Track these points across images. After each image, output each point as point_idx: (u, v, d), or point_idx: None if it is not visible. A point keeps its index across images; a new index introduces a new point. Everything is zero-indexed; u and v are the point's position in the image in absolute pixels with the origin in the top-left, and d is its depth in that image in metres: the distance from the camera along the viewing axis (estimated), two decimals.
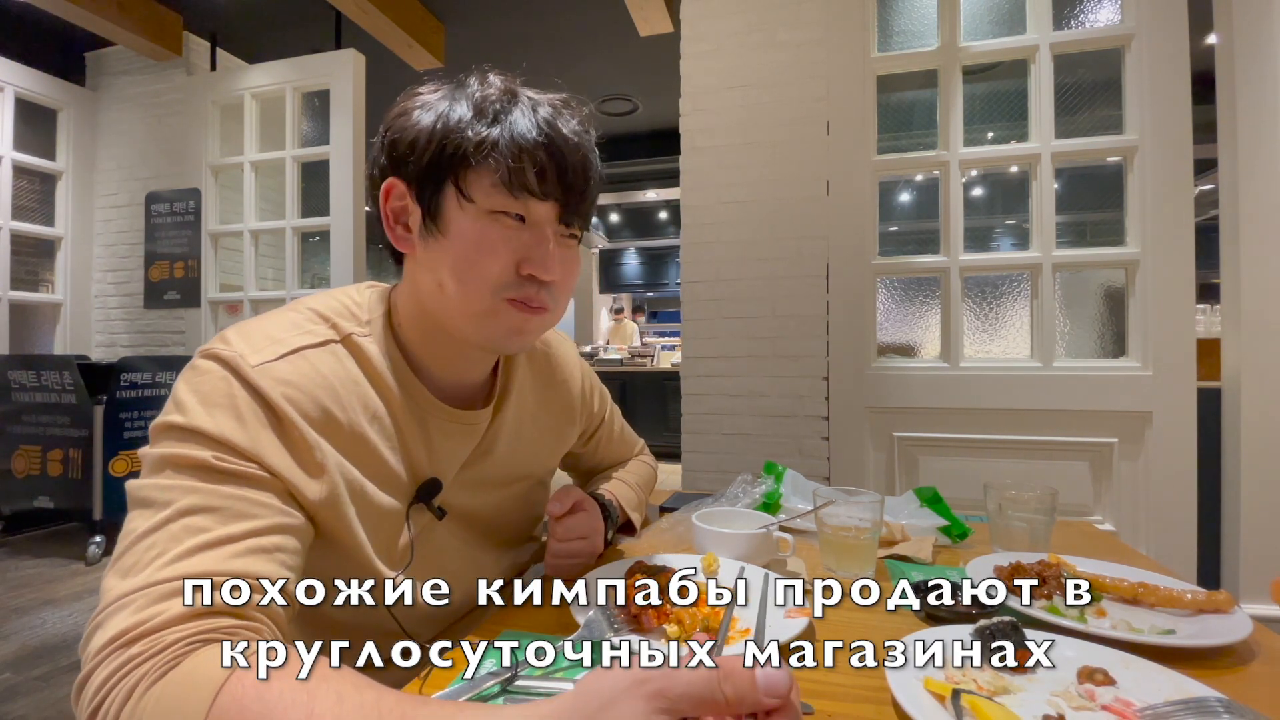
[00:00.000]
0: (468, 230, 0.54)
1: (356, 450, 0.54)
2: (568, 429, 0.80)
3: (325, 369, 0.53)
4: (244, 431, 0.46)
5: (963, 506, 0.97)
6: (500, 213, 0.53)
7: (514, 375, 0.71)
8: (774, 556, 0.76)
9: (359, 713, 0.33)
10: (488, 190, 0.53)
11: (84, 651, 0.38)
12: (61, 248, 3.45)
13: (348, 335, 0.57)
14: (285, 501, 0.47)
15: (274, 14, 3.27)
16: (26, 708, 1.57)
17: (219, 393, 0.47)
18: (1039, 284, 1.89)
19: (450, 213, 0.54)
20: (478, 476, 0.66)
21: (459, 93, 0.55)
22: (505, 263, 0.54)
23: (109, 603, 0.38)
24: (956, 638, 0.53)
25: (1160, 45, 1.77)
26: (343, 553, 0.54)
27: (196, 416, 0.46)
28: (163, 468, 0.45)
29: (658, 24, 3.03)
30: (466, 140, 0.52)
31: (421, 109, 0.55)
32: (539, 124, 0.53)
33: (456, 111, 0.54)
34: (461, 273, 0.54)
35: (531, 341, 0.63)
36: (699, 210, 2.20)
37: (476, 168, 0.53)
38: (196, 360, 0.50)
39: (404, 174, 0.56)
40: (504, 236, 0.54)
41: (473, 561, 0.67)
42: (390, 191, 0.57)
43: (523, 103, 0.55)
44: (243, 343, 0.50)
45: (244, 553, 0.42)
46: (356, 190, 2.85)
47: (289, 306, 0.58)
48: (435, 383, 0.62)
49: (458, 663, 0.51)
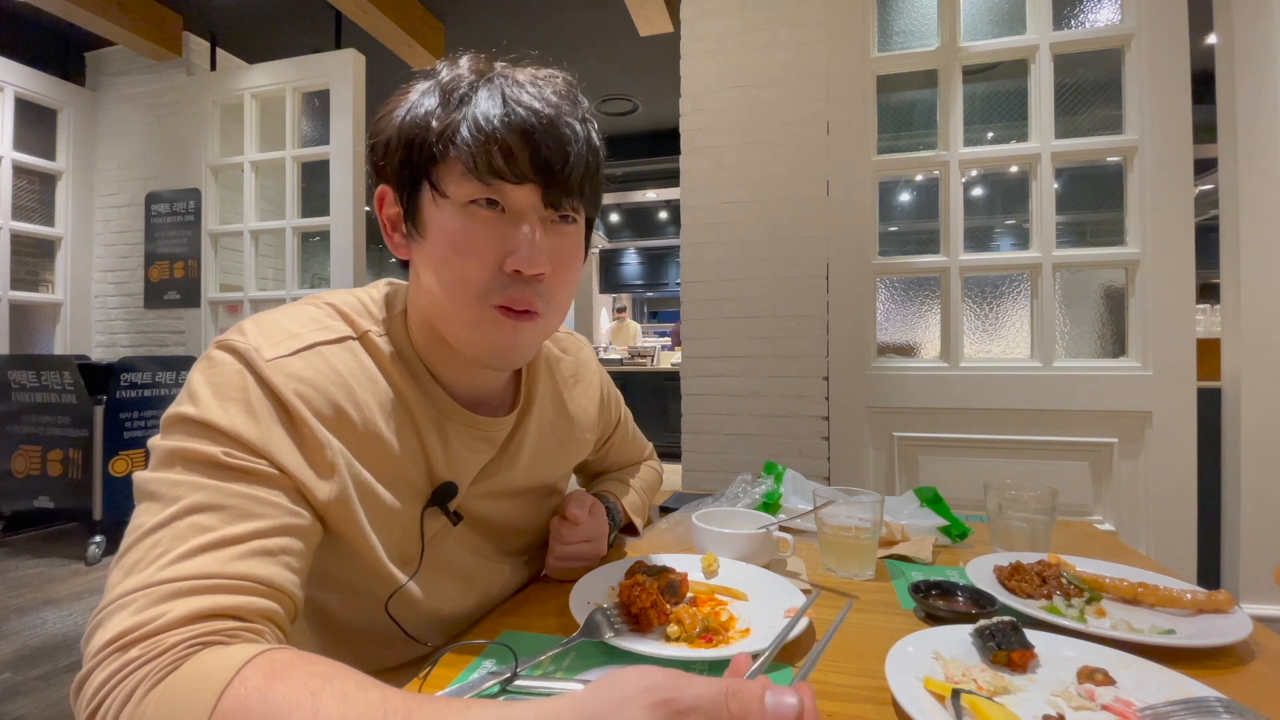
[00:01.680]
0: (444, 227, 0.51)
1: (370, 450, 0.53)
2: (587, 436, 0.79)
3: (341, 366, 0.52)
4: (256, 427, 0.46)
5: (963, 506, 0.97)
6: (474, 203, 0.50)
7: (537, 383, 0.69)
8: (774, 556, 0.76)
9: (364, 712, 0.33)
10: (458, 181, 0.50)
11: (85, 648, 0.38)
12: (61, 248, 3.45)
13: (365, 333, 0.55)
14: (294, 500, 0.47)
15: (274, 14, 3.27)
16: (26, 708, 1.57)
17: (233, 386, 0.47)
18: (1039, 284, 1.89)
19: (427, 211, 0.52)
20: (495, 485, 0.65)
21: (431, 83, 0.53)
22: (486, 260, 0.51)
23: (110, 600, 0.38)
24: (956, 638, 0.53)
25: (1160, 45, 1.77)
26: (352, 553, 0.53)
27: (209, 409, 0.45)
28: (172, 462, 0.44)
29: (658, 24, 3.03)
30: (430, 132, 0.50)
31: (397, 108, 0.53)
32: (504, 99, 0.50)
33: (425, 103, 0.51)
34: (442, 275, 0.52)
35: (529, 355, 0.59)
36: (699, 210, 2.20)
37: (444, 159, 0.50)
38: (212, 351, 0.49)
39: (386, 178, 0.54)
40: (483, 230, 0.51)
41: (485, 569, 0.66)
42: (383, 199, 0.56)
43: (493, 82, 0.51)
44: (259, 336, 0.50)
45: (248, 554, 0.41)
46: (356, 190, 2.85)
47: (307, 300, 0.57)
48: (452, 387, 0.60)
49: (458, 663, 0.51)
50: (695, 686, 0.29)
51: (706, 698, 0.28)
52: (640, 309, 9.95)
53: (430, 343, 0.58)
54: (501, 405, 0.66)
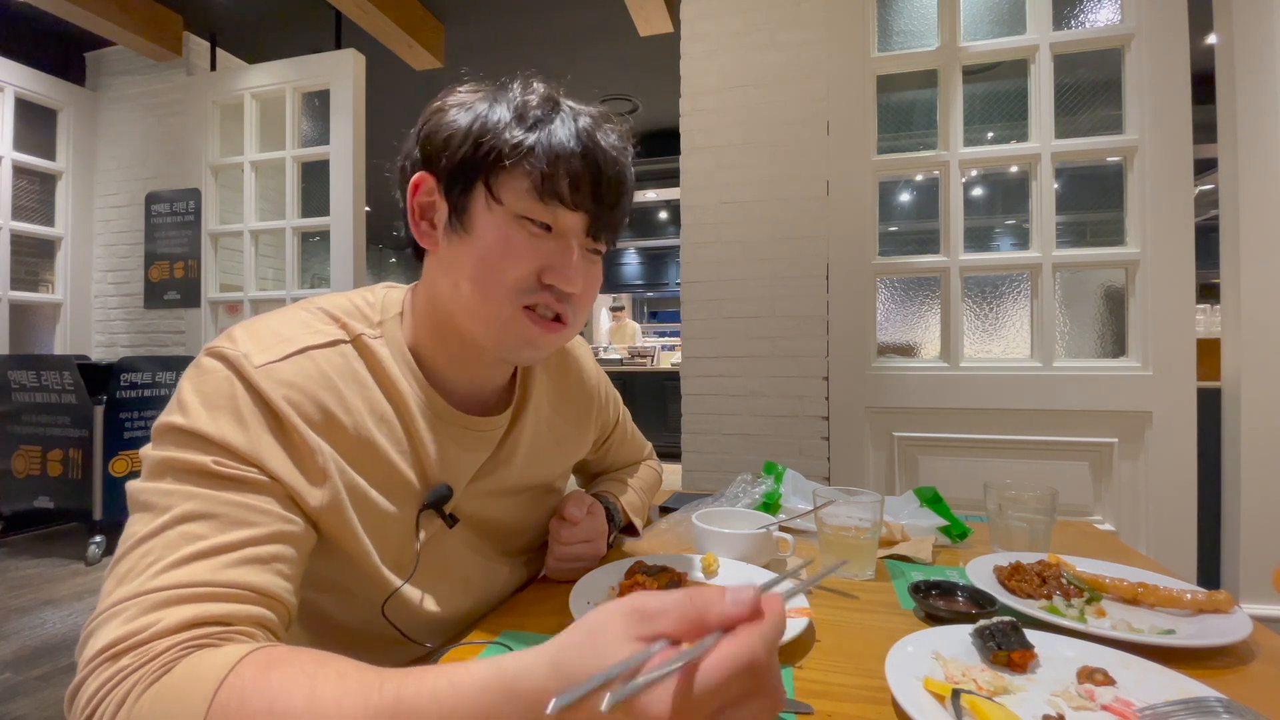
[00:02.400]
0: (493, 232, 0.53)
1: (361, 455, 0.53)
2: (584, 436, 0.79)
3: (331, 370, 0.52)
4: (245, 435, 0.46)
5: (963, 506, 0.97)
6: (527, 219, 0.53)
7: (533, 383, 0.70)
8: (774, 556, 0.76)
9: (361, 685, 0.34)
10: (519, 194, 0.53)
11: (78, 657, 0.38)
12: (61, 248, 3.45)
13: (358, 336, 0.56)
14: (286, 507, 0.47)
15: (274, 14, 3.27)
16: (26, 708, 1.57)
17: (221, 394, 0.47)
18: (1039, 284, 1.89)
19: (478, 213, 0.54)
20: (492, 485, 0.65)
21: (500, 95, 0.55)
22: (527, 269, 0.53)
23: (103, 609, 0.39)
24: (956, 638, 0.53)
25: (1160, 45, 1.77)
26: (347, 558, 0.53)
27: (198, 419, 0.45)
28: (163, 472, 0.44)
29: (658, 24, 3.03)
30: (503, 142, 0.52)
31: (459, 108, 0.55)
32: (578, 134, 0.53)
33: (496, 113, 0.54)
34: (481, 274, 0.53)
35: (545, 355, 0.61)
36: (699, 210, 2.20)
37: (509, 170, 0.53)
38: (201, 359, 0.49)
39: (435, 169, 0.55)
40: (528, 243, 0.53)
41: (484, 570, 0.66)
42: (420, 185, 0.57)
43: (564, 112, 0.54)
44: (249, 341, 0.50)
45: (239, 562, 0.42)
46: (356, 190, 2.85)
47: (299, 305, 0.57)
48: (449, 387, 0.60)
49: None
50: (663, 595, 0.31)
51: (671, 599, 0.31)
52: (640, 309, 9.95)
53: (434, 340, 0.59)
54: (497, 405, 0.66)
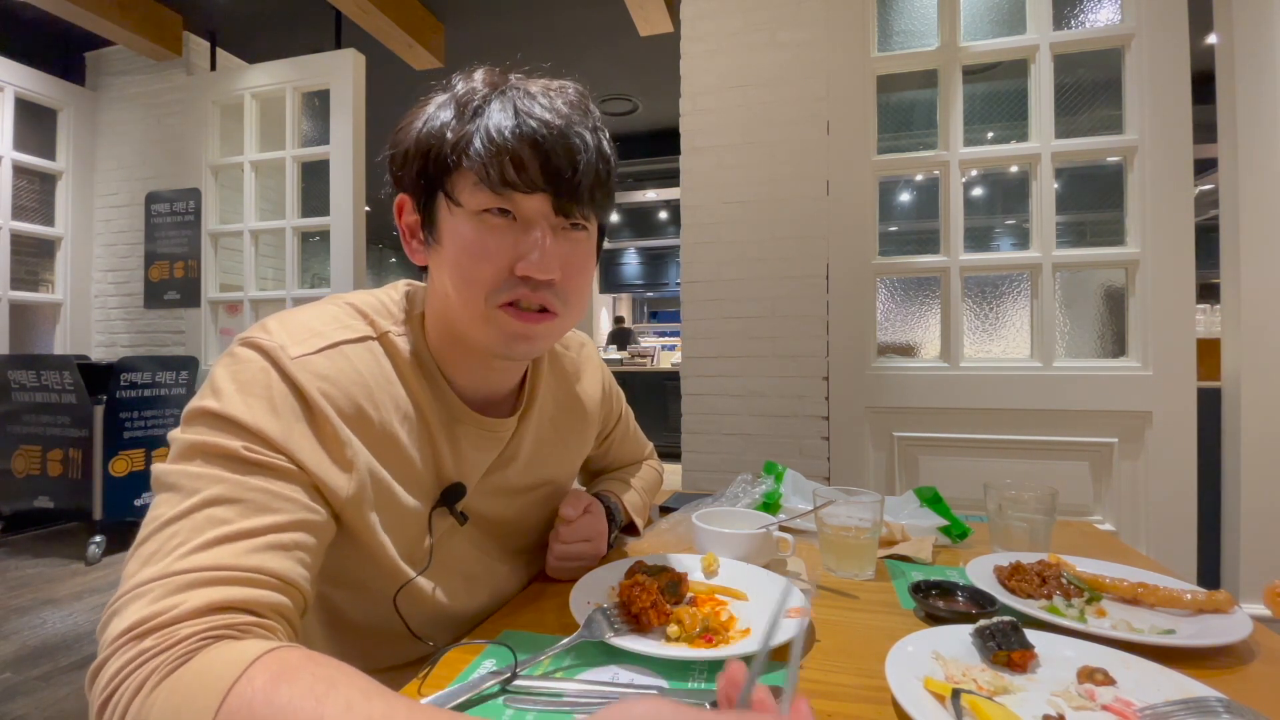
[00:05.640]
0: (459, 235, 0.53)
1: (386, 449, 0.54)
2: (588, 433, 0.79)
3: (362, 366, 0.53)
4: (278, 423, 0.46)
5: (963, 506, 0.97)
6: (487, 212, 0.52)
7: (539, 383, 0.70)
8: (774, 556, 0.76)
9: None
10: (471, 191, 0.52)
11: (100, 636, 0.38)
12: (61, 248, 3.45)
13: (384, 333, 0.57)
14: (311, 496, 0.47)
15: (274, 14, 3.27)
16: (26, 708, 1.57)
17: (257, 383, 0.47)
18: (1039, 284, 1.89)
19: (443, 220, 0.54)
20: (499, 483, 0.66)
21: (447, 96, 0.54)
22: (497, 265, 0.52)
23: (127, 589, 0.39)
24: (957, 638, 0.53)
25: (1160, 45, 1.77)
26: (364, 550, 0.54)
27: (232, 404, 0.46)
28: (193, 455, 0.45)
29: (658, 24, 3.03)
30: (445, 143, 0.52)
31: (415, 120, 0.55)
32: (516, 111, 0.51)
33: (440, 116, 0.53)
34: (457, 279, 0.53)
35: (543, 347, 0.61)
36: (699, 210, 2.20)
37: (458, 170, 0.52)
38: (236, 348, 0.50)
39: (405, 187, 0.56)
40: (495, 237, 0.52)
41: (490, 567, 0.67)
42: (402, 207, 0.58)
43: (505, 94, 0.52)
44: (284, 334, 0.51)
45: (263, 548, 0.42)
46: (356, 190, 2.85)
47: (328, 300, 0.58)
48: (462, 389, 0.61)
49: (458, 662, 0.51)
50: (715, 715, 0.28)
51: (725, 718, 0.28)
52: (640, 309, 9.94)
53: (445, 344, 0.59)
54: (509, 407, 0.67)
